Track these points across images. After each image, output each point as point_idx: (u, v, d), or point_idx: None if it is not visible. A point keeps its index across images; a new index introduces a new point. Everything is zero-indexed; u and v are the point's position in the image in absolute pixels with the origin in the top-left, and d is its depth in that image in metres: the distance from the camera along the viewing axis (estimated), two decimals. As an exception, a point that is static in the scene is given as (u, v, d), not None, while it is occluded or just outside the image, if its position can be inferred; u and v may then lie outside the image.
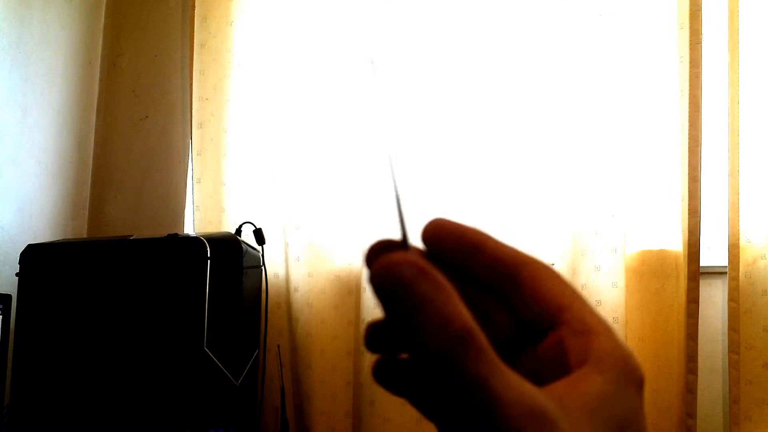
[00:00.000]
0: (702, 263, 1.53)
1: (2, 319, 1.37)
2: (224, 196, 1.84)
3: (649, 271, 1.60)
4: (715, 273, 1.60)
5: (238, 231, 1.68)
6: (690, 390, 1.50)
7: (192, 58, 1.91)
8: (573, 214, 1.61)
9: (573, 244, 1.61)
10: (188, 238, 1.39)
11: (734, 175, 1.54)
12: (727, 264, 1.54)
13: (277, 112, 1.81)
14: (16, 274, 1.43)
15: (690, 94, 1.55)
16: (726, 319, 1.54)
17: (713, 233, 1.61)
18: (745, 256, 1.52)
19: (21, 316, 1.42)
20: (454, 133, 1.69)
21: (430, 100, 1.71)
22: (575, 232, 1.61)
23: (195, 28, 1.91)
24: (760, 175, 1.52)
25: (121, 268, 1.39)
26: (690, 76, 1.55)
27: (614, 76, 1.60)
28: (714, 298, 1.60)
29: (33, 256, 1.44)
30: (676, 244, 1.57)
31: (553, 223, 1.61)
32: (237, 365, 1.40)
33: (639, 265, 1.61)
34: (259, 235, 1.67)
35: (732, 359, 1.51)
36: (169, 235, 1.40)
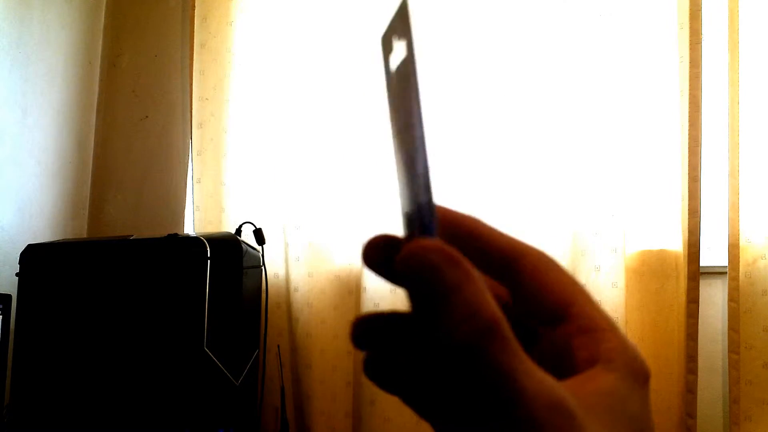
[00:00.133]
0: (702, 263, 1.53)
1: (2, 319, 1.36)
2: (224, 196, 1.84)
3: (649, 271, 1.60)
4: (715, 273, 1.60)
5: (238, 231, 1.68)
6: (690, 390, 1.50)
7: (192, 58, 1.91)
8: (573, 214, 1.61)
9: (573, 244, 1.61)
10: (188, 238, 1.39)
11: (734, 175, 1.54)
12: (727, 264, 1.54)
13: (277, 112, 1.81)
14: (16, 274, 1.43)
15: (690, 94, 1.55)
16: (726, 319, 1.54)
17: (713, 233, 1.61)
18: (745, 256, 1.52)
19: (21, 316, 1.42)
20: (454, 133, 1.69)
21: (429, 100, 1.71)
22: (575, 232, 1.61)
23: (195, 28, 1.91)
24: (760, 175, 1.52)
25: (121, 268, 1.39)
26: (690, 76, 1.55)
27: (614, 76, 1.60)
28: (714, 298, 1.60)
29: (33, 256, 1.44)
30: (676, 244, 1.57)
31: (553, 223, 1.61)
32: (237, 365, 1.40)
33: (639, 265, 1.61)
34: (259, 235, 1.67)
35: (732, 359, 1.51)
36: (169, 235, 1.40)
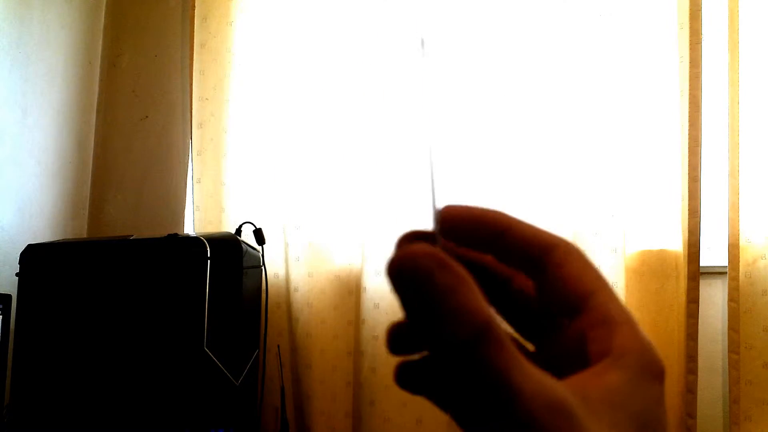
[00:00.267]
0: (702, 263, 1.53)
1: (2, 319, 1.36)
2: (224, 196, 1.84)
3: (649, 271, 1.60)
4: (715, 273, 1.60)
5: (238, 231, 1.68)
6: (690, 390, 1.50)
7: (192, 58, 1.91)
8: (573, 214, 1.61)
9: (573, 244, 1.60)
10: (188, 238, 1.39)
11: (734, 175, 1.54)
12: (727, 264, 1.54)
13: (277, 112, 1.81)
14: (16, 274, 1.43)
15: (690, 94, 1.55)
16: (726, 319, 1.54)
17: (713, 233, 1.61)
18: (745, 256, 1.52)
19: (21, 316, 1.42)
20: (454, 133, 1.69)
21: (431, 101, 1.70)
22: (575, 232, 1.61)
23: (195, 28, 1.91)
24: (760, 175, 1.52)
25: (121, 268, 1.39)
26: (690, 76, 1.55)
27: (614, 76, 1.60)
28: (714, 298, 1.60)
29: (33, 256, 1.44)
30: (676, 244, 1.57)
31: (553, 223, 1.61)
32: (237, 365, 1.40)
33: (639, 265, 1.61)
34: (259, 235, 1.67)
35: (732, 359, 1.51)
36: (169, 235, 1.40)
